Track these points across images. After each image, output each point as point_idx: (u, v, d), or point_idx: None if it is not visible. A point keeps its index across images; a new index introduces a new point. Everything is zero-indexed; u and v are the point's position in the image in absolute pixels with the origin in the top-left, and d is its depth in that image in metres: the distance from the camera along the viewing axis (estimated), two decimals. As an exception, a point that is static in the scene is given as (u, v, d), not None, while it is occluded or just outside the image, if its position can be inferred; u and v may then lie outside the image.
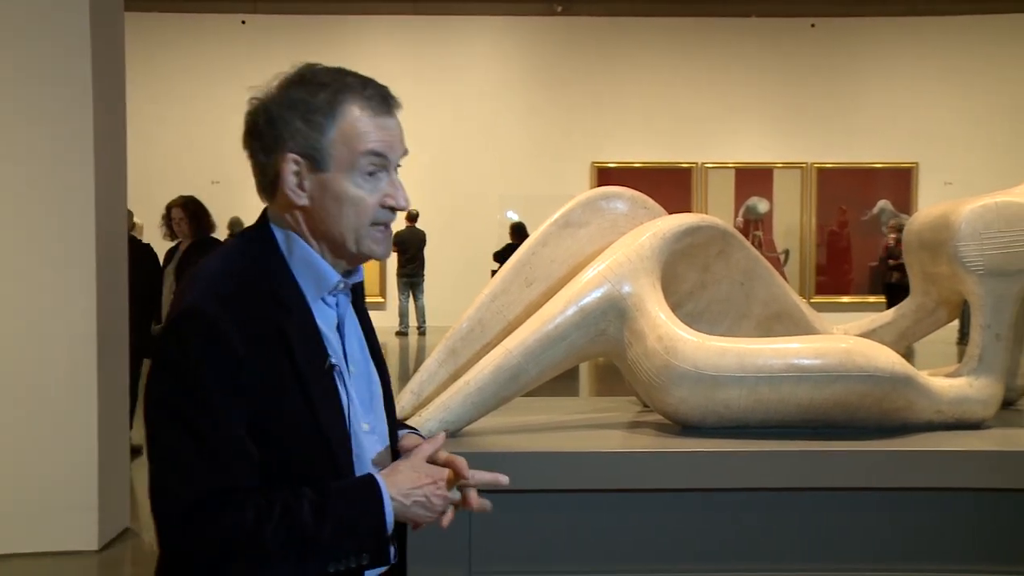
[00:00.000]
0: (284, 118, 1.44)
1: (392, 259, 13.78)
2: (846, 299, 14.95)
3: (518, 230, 12.41)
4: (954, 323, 3.47)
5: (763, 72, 15.19)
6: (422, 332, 14.05)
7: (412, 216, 13.60)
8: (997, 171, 12.93)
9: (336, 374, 1.47)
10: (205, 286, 1.42)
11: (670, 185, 14.38)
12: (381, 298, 14.64)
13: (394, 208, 1.49)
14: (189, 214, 6.39)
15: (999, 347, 2.59)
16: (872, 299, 14.18)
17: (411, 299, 14.09)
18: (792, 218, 15.22)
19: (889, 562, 2.38)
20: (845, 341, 2.48)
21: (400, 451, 1.59)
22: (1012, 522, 2.39)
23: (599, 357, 2.67)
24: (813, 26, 15.32)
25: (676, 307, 2.63)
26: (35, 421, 4.43)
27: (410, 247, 13.65)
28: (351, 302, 1.57)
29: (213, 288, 1.41)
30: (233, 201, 11.22)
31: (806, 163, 15.13)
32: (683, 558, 2.38)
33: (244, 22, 15.06)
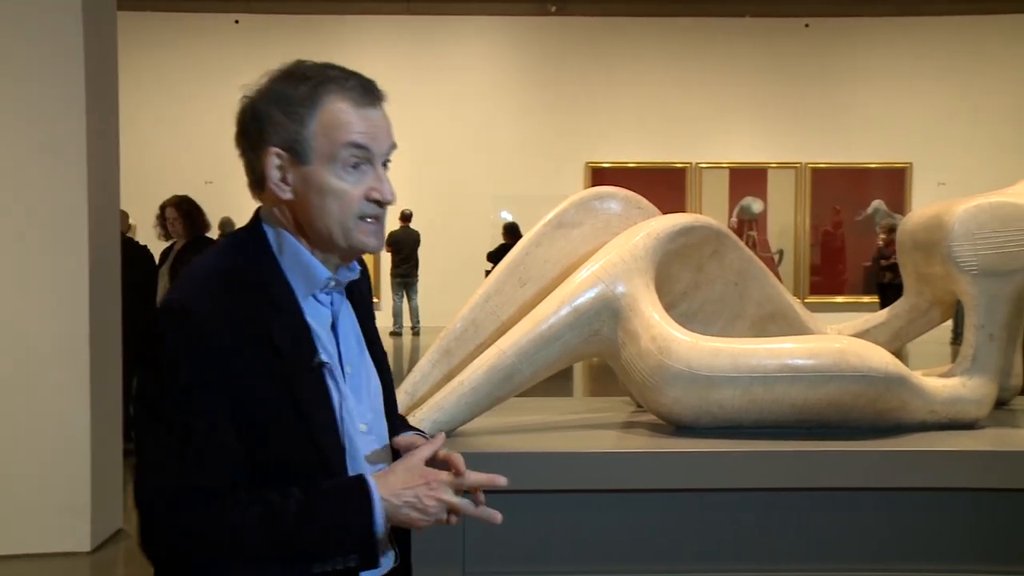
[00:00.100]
0: (267, 112, 1.43)
1: (386, 259, 13.78)
2: (840, 299, 14.96)
3: (512, 230, 12.41)
4: (947, 323, 3.47)
5: (757, 72, 15.20)
6: (416, 332, 14.03)
7: (406, 216, 13.59)
8: (991, 171, 12.94)
9: (327, 373, 1.44)
10: (193, 284, 1.41)
11: (664, 185, 14.37)
12: (375, 298, 14.63)
13: (379, 201, 1.45)
14: (183, 214, 6.37)
15: (992, 347, 2.60)
16: (866, 299, 14.19)
17: (405, 299, 14.08)
18: (786, 218, 15.23)
19: (883, 562, 2.39)
20: (839, 341, 2.48)
21: (397, 449, 1.55)
22: (1006, 522, 2.40)
23: (593, 357, 2.67)
24: (807, 26, 15.33)
25: (670, 307, 2.63)
26: (28, 422, 4.41)
27: (404, 247, 13.63)
28: (352, 302, 1.55)
29: (201, 286, 1.40)
30: (227, 201, 11.18)
31: (800, 163, 15.14)
32: (677, 558, 2.38)
33: (238, 22, 15.01)
